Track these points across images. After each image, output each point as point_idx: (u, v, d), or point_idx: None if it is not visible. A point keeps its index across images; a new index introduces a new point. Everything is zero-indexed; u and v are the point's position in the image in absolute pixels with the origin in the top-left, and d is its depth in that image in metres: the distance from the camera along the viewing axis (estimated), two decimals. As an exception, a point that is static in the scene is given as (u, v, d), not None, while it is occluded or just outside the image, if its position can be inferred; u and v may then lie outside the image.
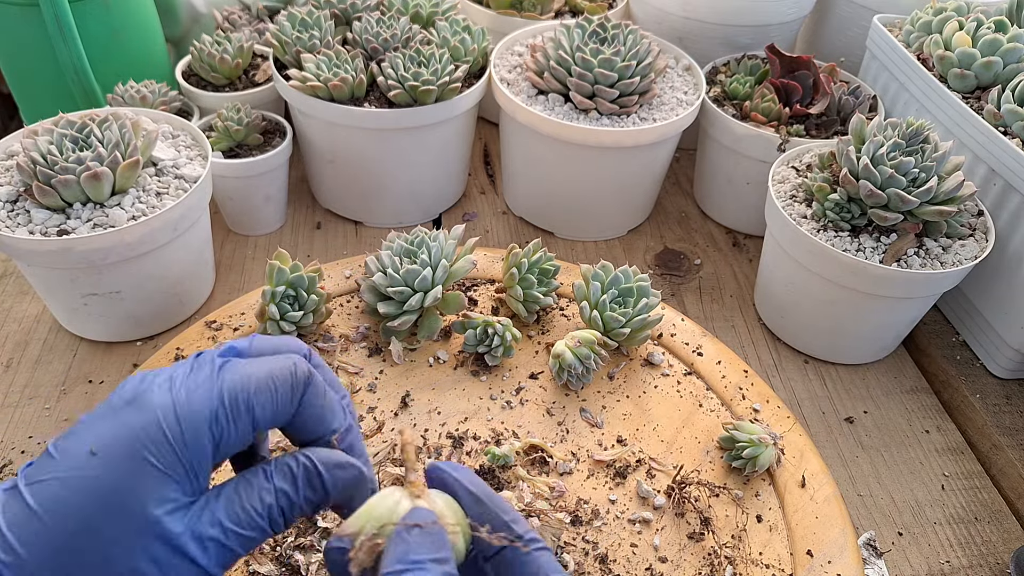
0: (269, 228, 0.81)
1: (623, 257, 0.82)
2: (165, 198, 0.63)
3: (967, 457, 0.66)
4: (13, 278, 0.74)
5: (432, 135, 0.75)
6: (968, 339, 0.74)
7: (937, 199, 0.63)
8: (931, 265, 0.63)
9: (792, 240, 0.66)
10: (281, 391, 0.31)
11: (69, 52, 0.73)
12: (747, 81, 0.81)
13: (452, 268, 0.61)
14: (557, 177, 0.78)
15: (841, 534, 0.50)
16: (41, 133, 0.61)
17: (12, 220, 0.59)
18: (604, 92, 0.73)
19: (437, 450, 0.54)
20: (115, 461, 0.28)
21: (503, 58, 0.82)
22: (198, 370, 0.31)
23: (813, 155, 0.73)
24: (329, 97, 0.72)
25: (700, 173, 0.88)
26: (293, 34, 0.75)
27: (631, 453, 0.55)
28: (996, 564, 0.58)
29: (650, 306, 0.61)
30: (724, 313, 0.76)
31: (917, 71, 0.74)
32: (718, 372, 0.61)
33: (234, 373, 0.31)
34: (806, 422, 0.67)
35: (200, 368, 0.31)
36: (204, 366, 0.31)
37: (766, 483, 0.54)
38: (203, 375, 0.30)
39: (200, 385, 0.30)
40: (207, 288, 0.73)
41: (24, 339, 0.68)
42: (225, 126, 0.74)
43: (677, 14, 0.86)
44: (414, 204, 0.82)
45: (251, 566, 0.47)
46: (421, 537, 0.30)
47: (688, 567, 0.49)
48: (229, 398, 0.30)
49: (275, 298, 0.58)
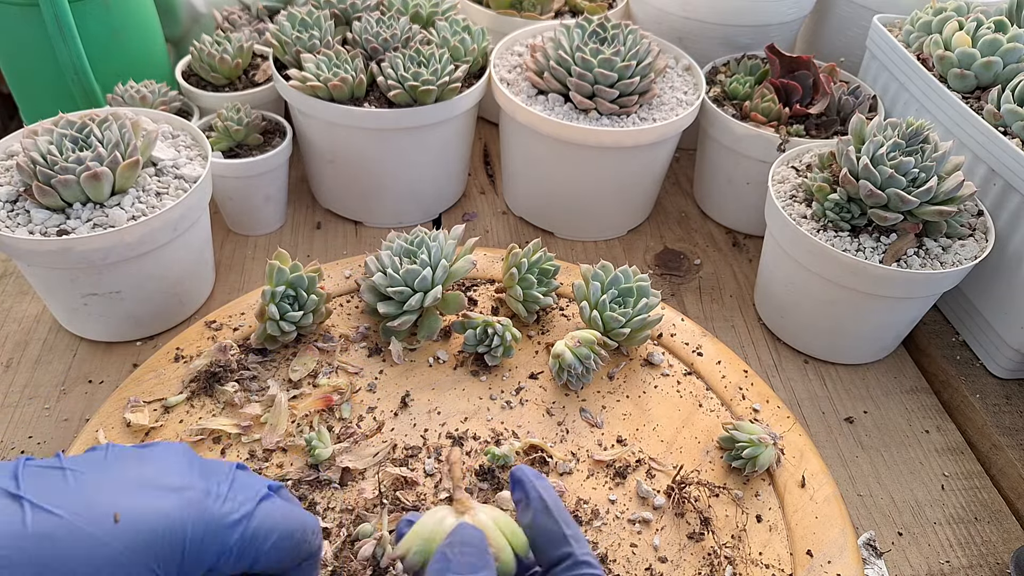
0: (269, 228, 0.81)
1: (623, 257, 0.82)
2: (165, 198, 0.63)
3: (967, 457, 0.66)
4: (13, 278, 0.74)
5: (432, 135, 0.75)
6: (968, 339, 0.74)
7: (937, 199, 0.63)
8: (931, 265, 0.63)
9: (792, 240, 0.66)
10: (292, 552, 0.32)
11: (69, 52, 0.73)
12: (747, 81, 0.81)
13: (452, 268, 0.61)
14: (557, 177, 0.78)
15: (841, 534, 0.50)
16: (41, 133, 0.61)
17: (12, 220, 0.59)
18: (604, 92, 0.73)
19: (437, 450, 0.54)
20: (129, 546, 0.27)
21: (503, 58, 0.82)
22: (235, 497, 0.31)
23: (813, 155, 0.73)
24: (329, 97, 0.72)
25: (700, 173, 0.88)
26: (293, 34, 0.75)
27: (631, 453, 0.55)
28: (996, 564, 0.58)
29: (650, 306, 0.61)
30: (724, 313, 0.76)
31: (917, 71, 0.74)
32: (718, 372, 0.61)
33: (268, 514, 0.31)
34: (806, 422, 0.67)
35: (241, 490, 0.31)
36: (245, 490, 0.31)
37: (766, 483, 0.54)
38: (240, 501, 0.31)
39: (233, 508, 0.30)
40: (207, 288, 0.73)
41: (24, 339, 0.68)
42: (225, 126, 0.74)
43: (677, 14, 0.86)
44: (414, 204, 0.82)
45: (251, 566, 0.47)
46: (462, 554, 0.31)
47: (688, 567, 0.49)
48: (246, 543, 0.31)
49: (275, 298, 0.58)
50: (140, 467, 0.30)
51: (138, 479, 0.29)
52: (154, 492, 0.29)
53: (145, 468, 0.30)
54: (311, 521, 0.33)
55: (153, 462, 0.31)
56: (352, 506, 0.50)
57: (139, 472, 0.30)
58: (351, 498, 0.51)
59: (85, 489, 0.28)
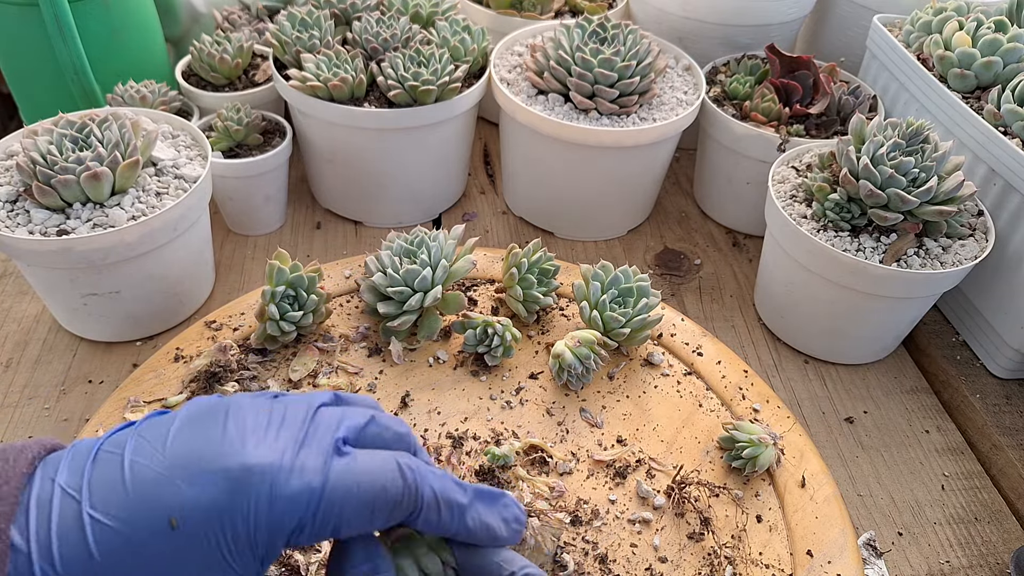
0: (269, 228, 0.81)
1: (623, 257, 0.82)
2: (165, 198, 0.63)
3: (967, 457, 0.66)
4: (13, 278, 0.74)
5: (432, 135, 0.75)
6: (968, 339, 0.74)
7: (937, 199, 0.63)
8: (931, 265, 0.63)
9: (792, 240, 0.66)
10: (377, 518, 0.30)
11: (69, 52, 0.73)
12: (747, 81, 0.81)
13: (452, 268, 0.61)
14: (557, 177, 0.78)
15: (841, 534, 0.50)
16: (41, 133, 0.61)
17: (12, 220, 0.59)
18: (604, 92, 0.73)
19: (437, 450, 0.54)
20: (193, 545, 0.27)
21: (503, 58, 0.82)
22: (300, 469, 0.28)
23: (813, 155, 0.73)
24: (329, 97, 0.72)
25: (700, 173, 0.88)
26: (293, 34, 0.75)
27: (631, 453, 0.55)
28: (996, 564, 0.58)
29: (650, 306, 0.61)
30: (724, 313, 0.76)
31: (917, 71, 0.74)
32: (718, 372, 0.61)
33: (336, 488, 0.28)
34: (806, 422, 0.67)
35: (309, 456, 0.29)
36: (315, 455, 0.29)
37: (766, 483, 0.54)
38: (307, 476, 0.28)
39: (297, 488, 0.28)
40: (207, 288, 0.73)
41: (24, 339, 0.68)
42: (225, 126, 0.74)
43: (677, 14, 0.86)
44: (414, 204, 0.82)
45: (251, 566, 0.47)
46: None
47: (688, 567, 0.49)
48: (323, 512, 0.28)
49: (275, 298, 0.58)
50: (205, 438, 0.28)
51: (198, 461, 0.28)
52: (212, 478, 0.27)
53: (208, 438, 0.28)
54: (393, 479, 0.30)
55: (222, 425, 0.29)
56: (352, 506, 0.50)
57: (201, 446, 0.28)
58: (351, 498, 0.51)
59: (143, 488, 0.27)
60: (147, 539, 0.26)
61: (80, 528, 0.26)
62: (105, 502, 0.27)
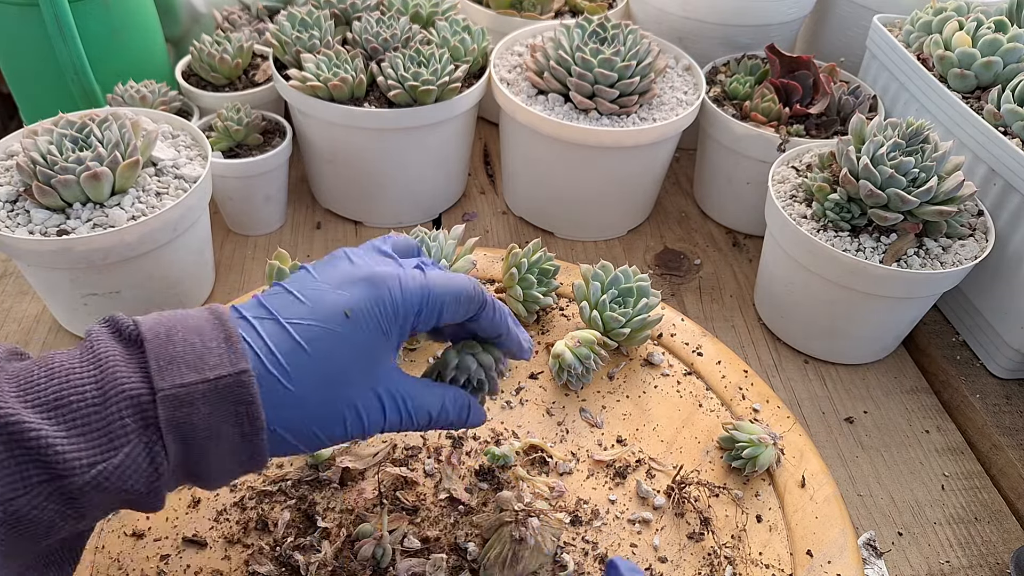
0: (269, 228, 0.81)
1: (623, 257, 0.82)
2: (165, 198, 0.63)
3: (967, 457, 0.66)
4: (13, 278, 0.74)
5: (432, 135, 0.75)
6: (968, 339, 0.74)
7: (937, 199, 0.63)
8: (931, 265, 0.63)
9: (792, 240, 0.66)
10: (462, 308, 0.41)
11: (69, 52, 0.73)
12: (747, 81, 0.81)
13: (452, 268, 0.61)
14: (557, 177, 0.78)
15: (841, 534, 0.50)
16: (41, 133, 0.61)
17: (12, 220, 0.59)
18: (604, 92, 0.73)
19: (437, 450, 0.54)
20: (363, 325, 0.38)
21: (503, 58, 0.82)
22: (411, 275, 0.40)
23: (813, 155, 0.73)
24: (329, 97, 0.72)
25: (700, 173, 0.88)
26: (293, 34, 0.75)
27: (631, 453, 0.55)
28: (996, 564, 0.58)
29: (650, 306, 0.61)
30: (724, 313, 0.76)
31: (917, 71, 0.74)
32: (718, 372, 0.61)
33: (436, 284, 0.40)
34: (806, 422, 0.67)
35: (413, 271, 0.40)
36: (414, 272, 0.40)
37: (766, 483, 0.54)
38: (417, 278, 0.40)
39: (415, 284, 0.40)
40: (207, 288, 0.73)
41: (24, 339, 0.68)
42: (225, 126, 0.74)
43: (677, 14, 0.86)
44: (414, 204, 0.82)
45: (251, 566, 0.47)
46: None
47: (688, 567, 0.49)
48: (432, 301, 0.40)
49: (275, 298, 0.58)
50: (340, 269, 0.40)
51: (344, 279, 0.39)
52: (359, 284, 0.39)
53: (343, 268, 0.40)
54: (468, 282, 0.42)
55: (348, 264, 0.40)
56: (352, 506, 0.50)
57: (341, 272, 0.39)
58: (351, 498, 0.51)
59: (319, 300, 0.38)
60: (335, 327, 0.37)
61: (285, 332, 0.36)
62: (294, 314, 0.37)
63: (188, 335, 0.35)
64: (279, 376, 0.35)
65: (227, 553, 0.48)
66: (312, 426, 0.37)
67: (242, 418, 0.34)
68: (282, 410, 0.36)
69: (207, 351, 0.34)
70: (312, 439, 0.37)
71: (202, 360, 0.34)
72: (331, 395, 0.37)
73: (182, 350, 0.34)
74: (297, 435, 0.37)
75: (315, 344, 0.36)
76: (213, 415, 0.34)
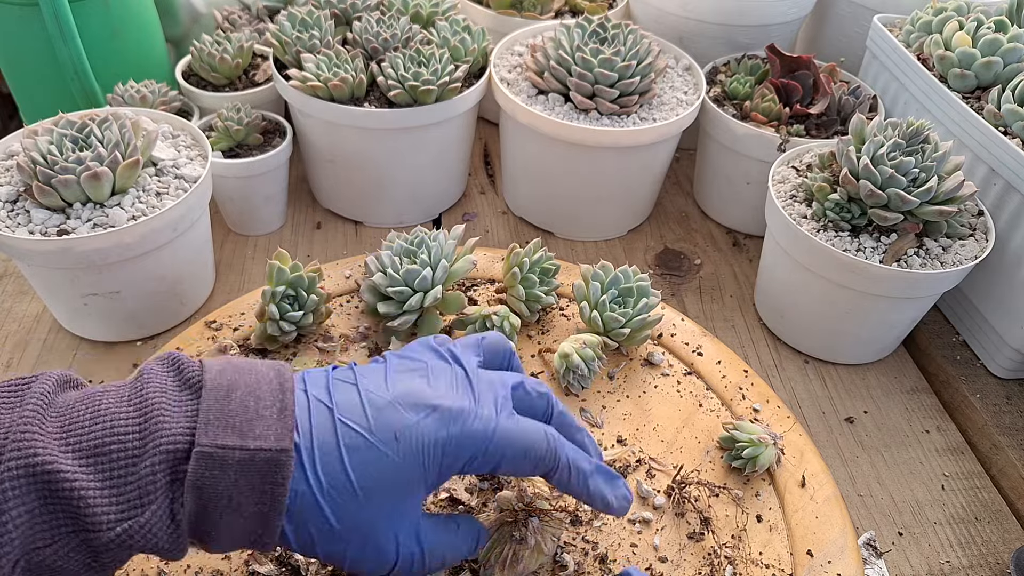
0: (269, 228, 0.81)
1: (623, 257, 0.82)
2: (165, 198, 0.63)
3: (967, 457, 0.66)
4: (13, 278, 0.74)
5: (432, 135, 0.75)
6: (968, 339, 0.74)
7: (937, 199, 0.63)
8: (931, 265, 0.63)
9: (792, 240, 0.66)
10: (526, 465, 0.39)
11: (69, 52, 0.73)
12: (747, 81, 0.81)
13: (452, 268, 0.61)
14: (557, 177, 0.78)
15: (841, 534, 0.50)
16: (41, 133, 0.61)
17: (12, 220, 0.59)
18: (604, 92, 0.73)
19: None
20: (405, 456, 0.36)
21: (503, 58, 0.82)
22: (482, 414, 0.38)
23: (813, 155, 0.73)
24: (329, 97, 0.72)
25: (700, 173, 0.88)
26: (293, 34, 0.75)
27: (631, 453, 0.55)
28: (996, 564, 0.58)
29: (650, 306, 0.61)
30: (724, 313, 0.76)
31: (917, 71, 0.74)
32: (718, 372, 0.61)
33: (503, 433, 0.38)
34: (806, 422, 0.67)
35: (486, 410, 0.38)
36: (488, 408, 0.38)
37: (766, 483, 0.54)
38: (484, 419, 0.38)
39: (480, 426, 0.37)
40: (207, 288, 0.73)
41: (24, 339, 0.68)
42: (225, 126, 0.74)
43: (677, 14, 0.86)
44: (414, 204, 0.82)
45: (251, 566, 0.47)
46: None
47: (688, 567, 0.49)
48: (492, 448, 0.37)
49: (275, 298, 0.58)
50: (413, 385, 0.38)
51: (412, 398, 0.37)
52: (424, 411, 0.37)
53: (417, 386, 0.38)
54: (541, 437, 0.39)
55: (426, 379, 0.39)
56: (352, 506, 0.50)
57: (413, 389, 0.38)
58: (351, 498, 0.51)
59: (377, 409, 0.36)
60: (378, 445, 0.36)
61: (332, 428, 0.35)
62: (350, 413, 0.36)
63: (246, 396, 0.34)
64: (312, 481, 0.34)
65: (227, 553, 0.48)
66: (317, 535, 0.35)
67: (267, 497, 0.33)
68: (305, 513, 0.35)
69: (259, 418, 0.34)
70: (307, 547, 0.36)
71: (250, 425, 0.33)
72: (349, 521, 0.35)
73: (235, 408, 0.34)
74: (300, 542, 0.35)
75: (354, 456, 0.35)
76: (239, 484, 0.33)
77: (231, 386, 0.34)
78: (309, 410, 0.35)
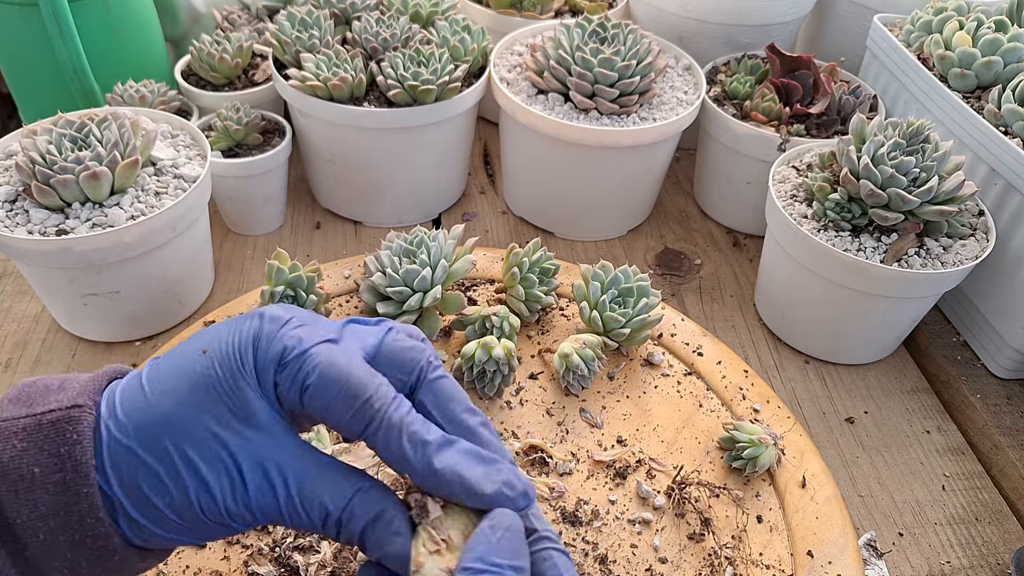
0: (268, 228, 0.81)
1: (623, 257, 0.82)
2: (164, 198, 0.62)
3: (968, 457, 0.66)
4: (12, 278, 0.74)
5: (432, 135, 0.75)
6: (969, 339, 0.74)
7: (938, 199, 0.63)
8: (932, 265, 0.63)
9: (792, 240, 0.66)
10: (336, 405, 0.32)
11: (68, 52, 0.73)
12: (747, 81, 0.81)
13: (452, 268, 0.61)
14: (557, 177, 0.78)
15: (841, 534, 0.50)
16: (40, 133, 0.61)
17: (11, 220, 0.59)
18: (604, 92, 0.73)
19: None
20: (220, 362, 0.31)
21: (503, 58, 0.82)
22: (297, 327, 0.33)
23: (813, 155, 0.73)
24: (329, 97, 0.72)
25: (700, 173, 0.88)
26: (293, 34, 0.75)
27: (631, 453, 0.55)
28: (996, 564, 0.58)
29: (650, 306, 0.61)
30: (724, 313, 0.76)
31: (917, 71, 0.74)
32: (718, 372, 0.61)
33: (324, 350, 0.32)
34: (806, 422, 0.67)
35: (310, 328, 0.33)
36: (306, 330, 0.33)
37: (766, 483, 0.54)
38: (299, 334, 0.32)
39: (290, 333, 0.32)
40: (206, 288, 0.73)
41: (23, 339, 0.68)
42: (224, 126, 0.73)
43: (677, 14, 0.86)
44: (414, 204, 0.82)
45: (250, 567, 0.46)
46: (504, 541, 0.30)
47: (688, 568, 0.49)
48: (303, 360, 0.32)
49: (274, 298, 0.58)
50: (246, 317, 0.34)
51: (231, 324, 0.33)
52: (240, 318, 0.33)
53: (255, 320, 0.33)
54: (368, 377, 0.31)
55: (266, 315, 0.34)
56: (352, 506, 0.50)
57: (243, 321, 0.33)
58: (351, 498, 0.50)
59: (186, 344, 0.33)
60: (182, 356, 0.32)
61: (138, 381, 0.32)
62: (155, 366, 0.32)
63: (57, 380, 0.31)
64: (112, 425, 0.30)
65: (226, 553, 0.47)
66: (143, 483, 0.30)
67: (66, 461, 0.28)
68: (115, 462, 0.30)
69: (59, 391, 0.31)
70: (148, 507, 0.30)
71: (43, 397, 0.30)
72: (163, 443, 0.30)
73: (37, 389, 0.31)
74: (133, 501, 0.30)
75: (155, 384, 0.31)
76: (28, 453, 0.28)
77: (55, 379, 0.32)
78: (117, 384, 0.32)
